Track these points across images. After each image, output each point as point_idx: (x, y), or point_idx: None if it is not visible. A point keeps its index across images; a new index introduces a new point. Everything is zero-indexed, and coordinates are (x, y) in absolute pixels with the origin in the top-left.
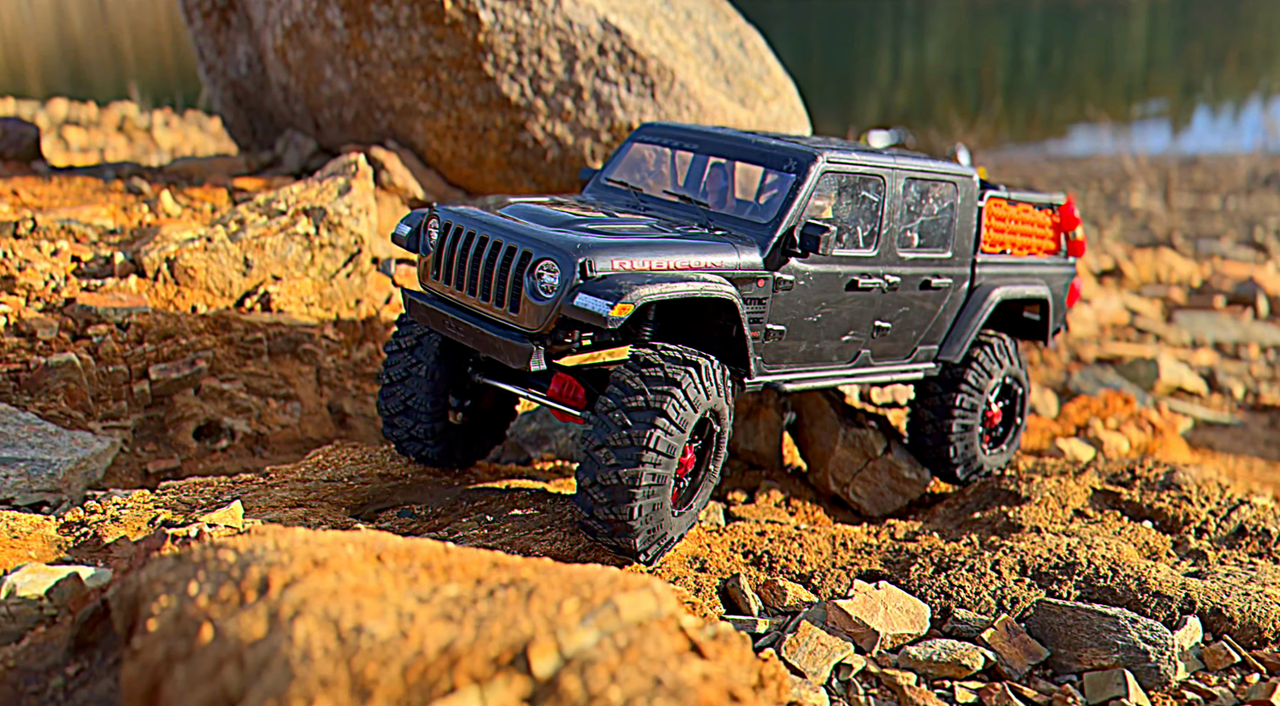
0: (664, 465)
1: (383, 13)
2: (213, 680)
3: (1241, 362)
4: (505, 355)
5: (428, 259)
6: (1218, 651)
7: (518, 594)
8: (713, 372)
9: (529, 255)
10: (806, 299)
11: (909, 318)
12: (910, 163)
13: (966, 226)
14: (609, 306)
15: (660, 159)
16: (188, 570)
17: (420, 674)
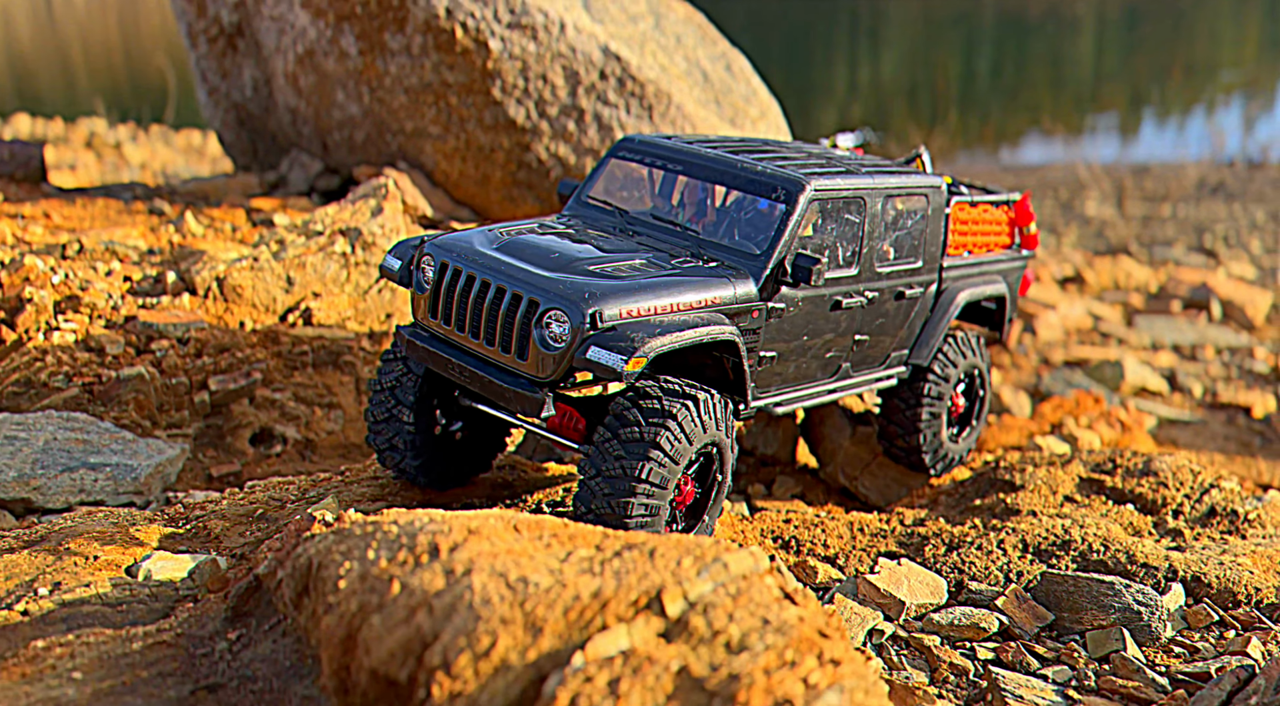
0: (657, 496)
1: (396, 42)
2: (408, 623)
3: (1199, 363)
4: (515, 404)
5: (423, 297)
6: (1199, 612)
7: (641, 554)
8: (711, 406)
9: (535, 304)
10: (796, 324)
11: (884, 328)
12: (887, 180)
13: (935, 234)
14: (623, 361)
15: (641, 176)
16: (357, 542)
17: (579, 613)
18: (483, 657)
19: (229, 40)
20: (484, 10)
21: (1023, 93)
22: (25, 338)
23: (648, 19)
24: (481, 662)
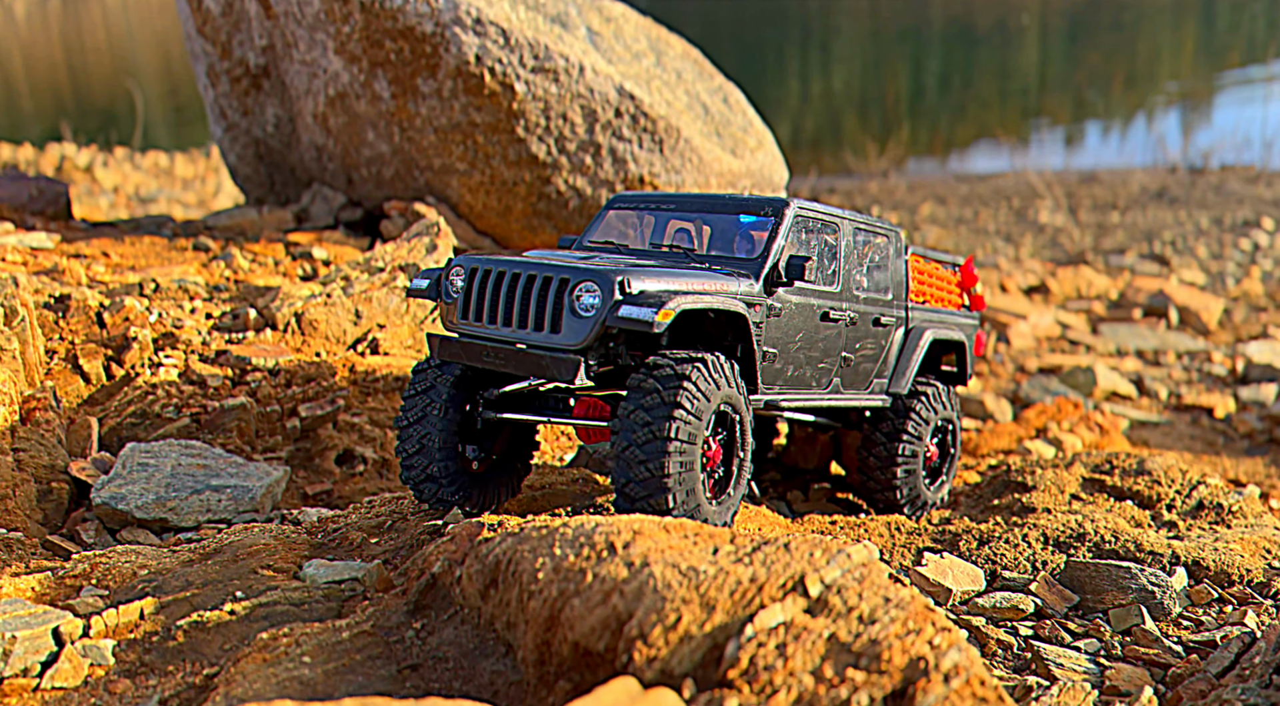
0: (688, 452)
1: (428, 86)
2: (604, 604)
3: (1162, 368)
4: (553, 369)
5: (453, 304)
6: (1202, 591)
7: (777, 548)
8: (720, 366)
9: (567, 281)
10: (791, 325)
11: (866, 350)
12: (855, 215)
13: (898, 275)
14: (654, 312)
15: (635, 221)
16: (539, 542)
17: (741, 594)
18: (671, 630)
19: (254, 80)
20: (510, 56)
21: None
22: (133, 373)
23: (649, 56)
24: (670, 633)
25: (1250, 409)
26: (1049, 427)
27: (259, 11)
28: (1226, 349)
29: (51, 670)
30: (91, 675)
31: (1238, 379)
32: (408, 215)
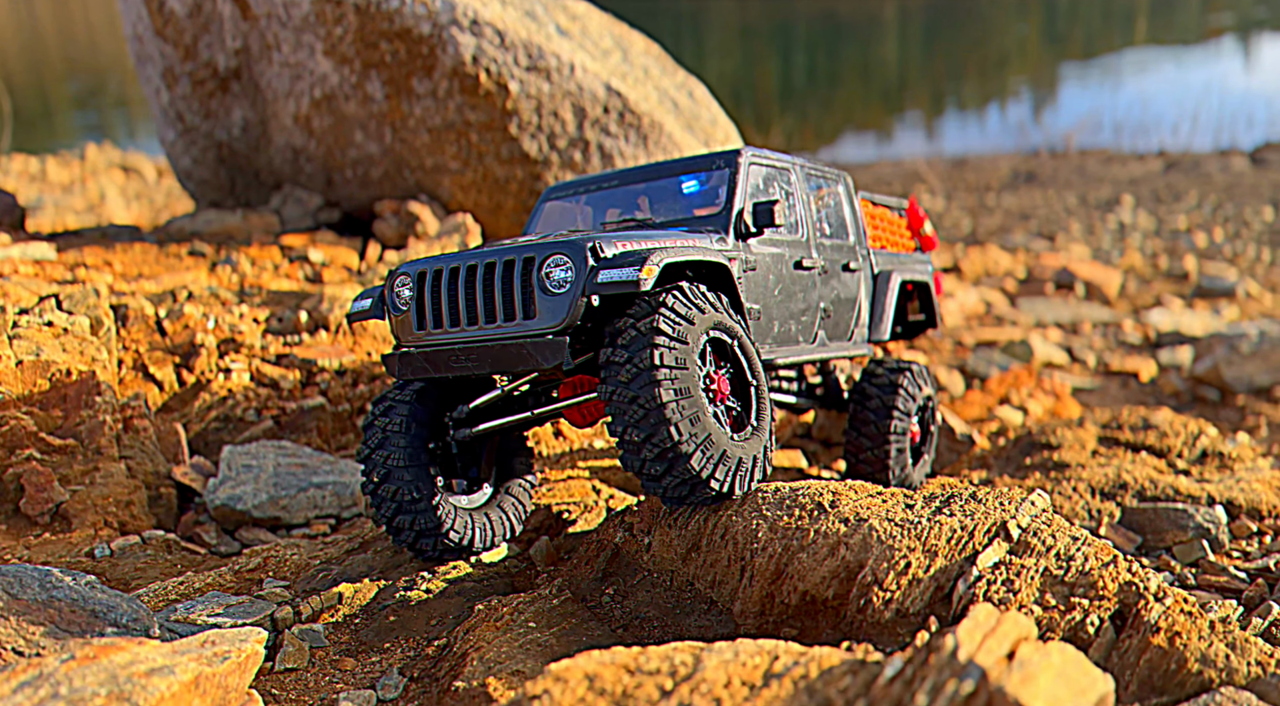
0: (681, 378)
1: (423, 86)
2: (833, 556)
3: (1082, 337)
4: (537, 356)
5: (404, 316)
6: (1240, 526)
7: (966, 500)
8: (701, 292)
9: (531, 260)
10: (769, 278)
11: (843, 300)
12: (803, 159)
13: (855, 218)
14: (636, 271)
15: (575, 210)
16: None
17: (957, 541)
18: (902, 574)
19: (221, 83)
20: (505, 56)
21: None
22: (204, 379)
23: (616, 53)
24: (901, 578)
25: (1169, 371)
26: (1010, 396)
27: (234, 13)
28: (1133, 318)
29: (280, 654)
30: (315, 656)
31: (1152, 344)
32: (401, 215)
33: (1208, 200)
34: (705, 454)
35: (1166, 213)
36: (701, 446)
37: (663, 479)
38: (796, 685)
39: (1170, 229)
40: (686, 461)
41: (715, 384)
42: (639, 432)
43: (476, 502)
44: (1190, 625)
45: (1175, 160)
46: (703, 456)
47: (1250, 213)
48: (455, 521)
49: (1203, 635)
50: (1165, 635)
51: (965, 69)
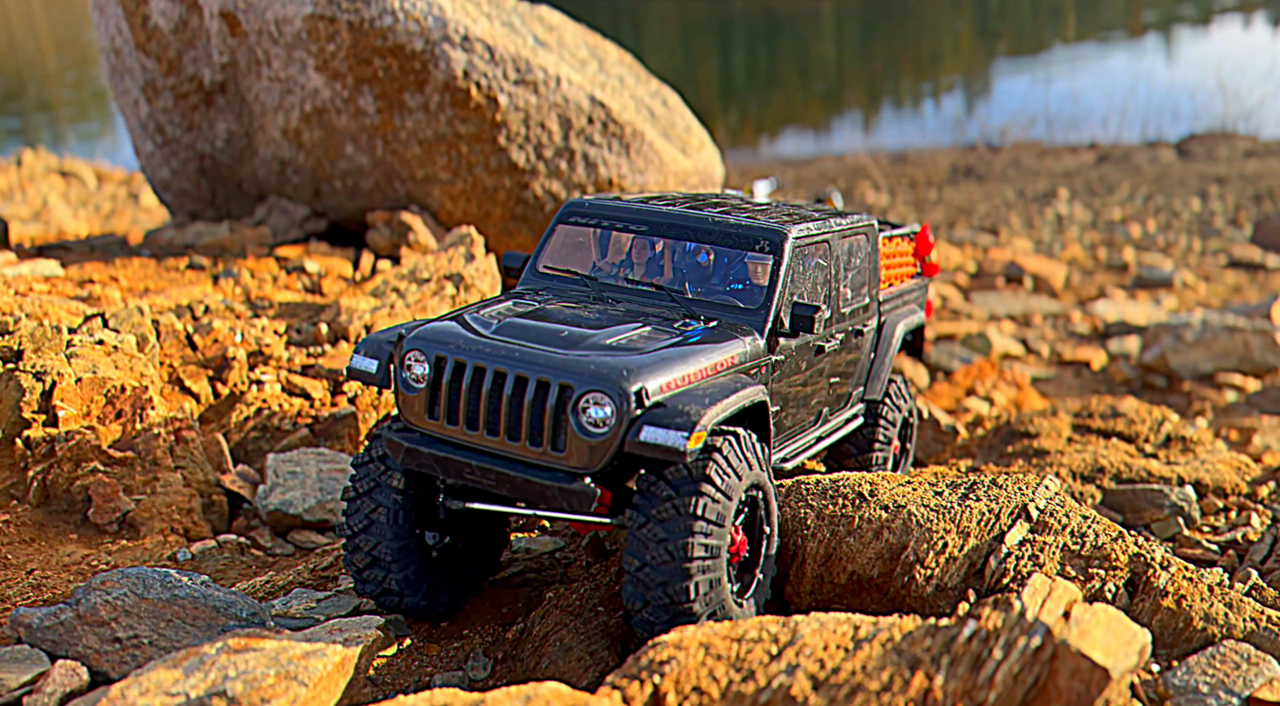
0: (713, 569)
1: (415, 100)
2: (878, 539)
3: (1034, 329)
4: (564, 503)
5: (418, 397)
6: (1209, 503)
7: (988, 486)
8: (743, 448)
9: (568, 388)
10: (792, 374)
11: (848, 368)
12: (840, 222)
13: (874, 271)
14: (685, 438)
15: (591, 237)
16: (791, 498)
17: (987, 523)
18: (940, 553)
19: (206, 96)
20: (495, 70)
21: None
22: (236, 391)
23: (592, 63)
24: (940, 556)
25: (1119, 359)
26: (975, 387)
27: (222, 29)
28: (1080, 309)
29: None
30: (402, 643)
31: (1101, 334)
32: (393, 225)
33: (1139, 192)
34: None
35: (1101, 205)
36: (711, 613)
37: (655, 625)
38: (884, 647)
39: (1106, 220)
40: (691, 621)
41: (735, 544)
42: (657, 576)
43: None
44: (1192, 589)
45: (1106, 152)
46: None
47: (1179, 204)
48: (421, 587)
49: (1204, 597)
50: (1173, 598)
51: (900, 65)
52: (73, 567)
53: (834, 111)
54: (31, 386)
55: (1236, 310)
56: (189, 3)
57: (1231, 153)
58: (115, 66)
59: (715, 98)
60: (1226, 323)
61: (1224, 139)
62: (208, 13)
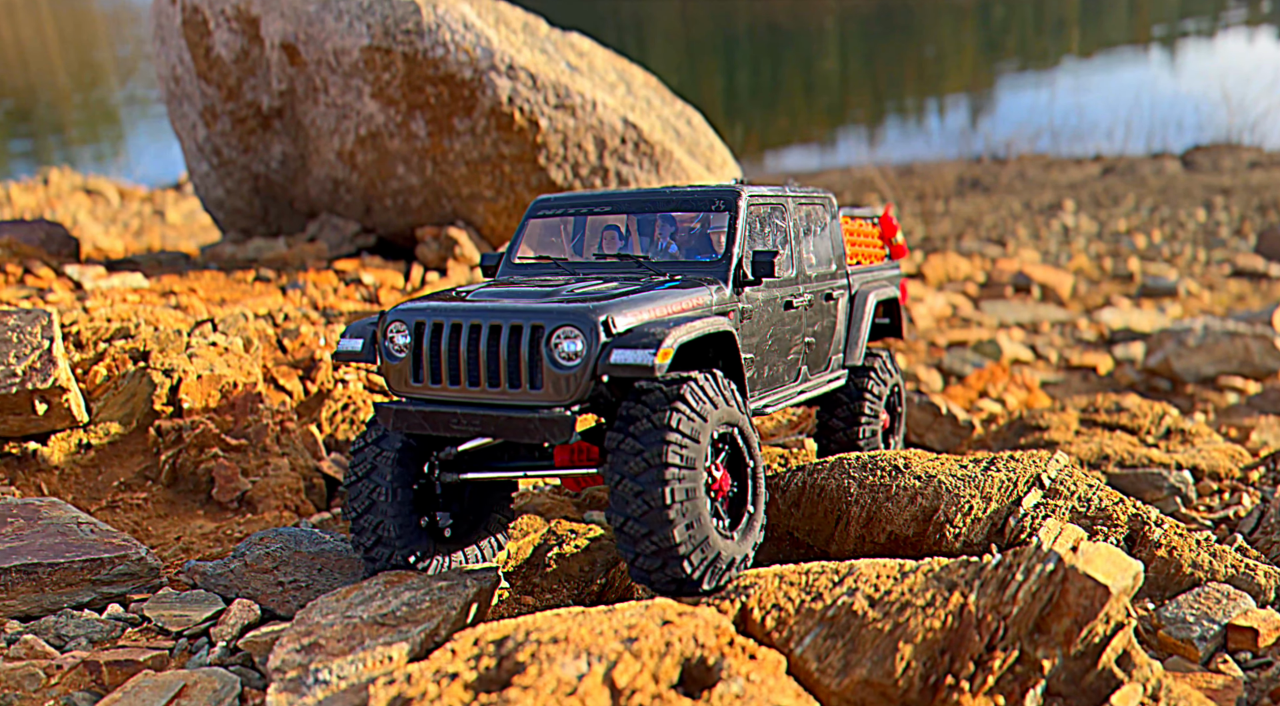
0: (688, 478)
1: (463, 124)
2: (912, 504)
3: (1042, 336)
4: (544, 433)
5: (399, 365)
6: (1204, 486)
7: (1006, 460)
8: (715, 384)
9: (540, 328)
10: (762, 325)
11: (824, 330)
12: (795, 189)
13: (838, 241)
14: (652, 355)
15: (561, 228)
16: (830, 472)
17: (1006, 489)
18: (967, 515)
19: (263, 121)
20: (537, 96)
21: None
22: (324, 388)
23: (621, 86)
24: (966, 518)
25: (1124, 364)
26: (988, 389)
27: (281, 59)
28: (1086, 317)
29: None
30: (501, 596)
31: (1107, 341)
32: (441, 239)
33: (1144, 203)
34: (701, 556)
35: (1107, 216)
36: (698, 548)
37: (654, 573)
38: (926, 576)
39: (1111, 231)
40: (680, 563)
41: (718, 480)
42: (640, 528)
43: (454, 537)
44: (1182, 542)
45: (1111, 164)
46: (697, 559)
47: (1184, 214)
48: (431, 561)
49: (1192, 548)
50: (1165, 549)
51: (905, 78)
52: (209, 536)
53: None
54: (161, 382)
55: (1239, 317)
56: (251, 35)
57: (1236, 164)
58: (174, 92)
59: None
60: (1228, 328)
61: (1229, 150)
62: (269, 44)
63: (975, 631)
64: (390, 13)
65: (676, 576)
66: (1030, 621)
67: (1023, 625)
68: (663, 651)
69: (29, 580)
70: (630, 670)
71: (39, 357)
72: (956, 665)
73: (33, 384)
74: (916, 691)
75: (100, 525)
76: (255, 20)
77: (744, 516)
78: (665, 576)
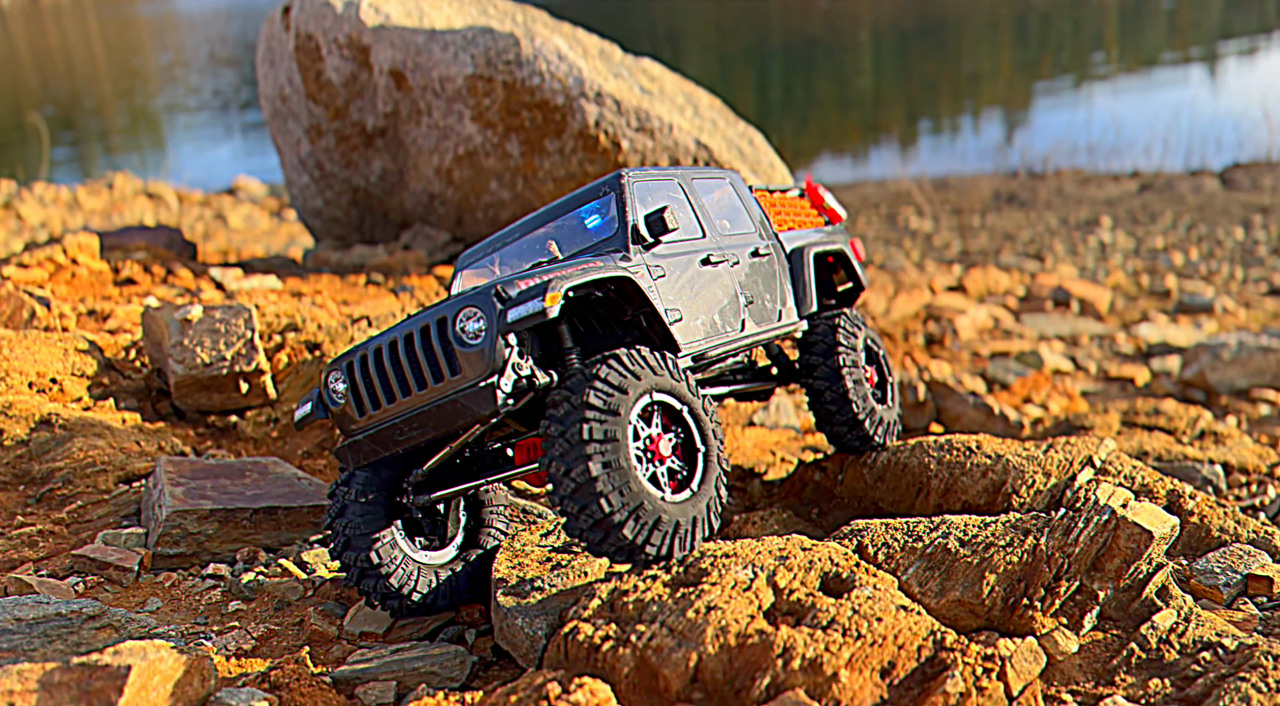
0: (610, 450)
1: (553, 145)
2: (984, 477)
3: (1081, 348)
4: (471, 405)
5: (343, 408)
6: (1235, 479)
7: (1063, 443)
8: (636, 356)
9: (444, 318)
10: (679, 279)
11: (760, 285)
12: (689, 169)
13: (753, 209)
14: (540, 301)
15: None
16: (911, 451)
17: (1062, 467)
18: (1030, 488)
19: (367, 139)
20: (620, 119)
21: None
22: None
23: (689, 108)
24: (1029, 490)
25: (1161, 376)
26: (1032, 396)
27: (389, 84)
28: (1123, 331)
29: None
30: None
31: (1144, 354)
32: None
33: (1182, 220)
34: (638, 521)
35: (1144, 233)
36: (634, 515)
37: (601, 545)
38: (1005, 524)
39: (1148, 248)
40: (619, 530)
41: (654, 446)
42: (574, 505)
43: (443, 559)
44: (1211, 510)
45: (1149, 181)
46: (635, 524)
47: (1222, 232)
48: (418, 582)
49: (1220, 516)
50: (1197, 516)
51: (940, 92)
52: None
53: (872, 138)
54: None
55: (1273, 333)
56: (361, 62)
57: (1276, 182)
58: (279, 110)
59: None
60: (1262, 343)
61: (1269, 168)
62: (378, 70)
63: (1045, 566)
64: (492, 45)
65: (620, 543)
66: (1088, 560)
67: (1082, 563)
68: (808, 566)
69: (270, 519)
70: (786, 576)
71: (243, 345)
72: (1030, 591)
73: (239, 367)
74: (999, 609)
75: (315, 480)
76: (366, 49)
77: (694, 476)
78: (612, 548)
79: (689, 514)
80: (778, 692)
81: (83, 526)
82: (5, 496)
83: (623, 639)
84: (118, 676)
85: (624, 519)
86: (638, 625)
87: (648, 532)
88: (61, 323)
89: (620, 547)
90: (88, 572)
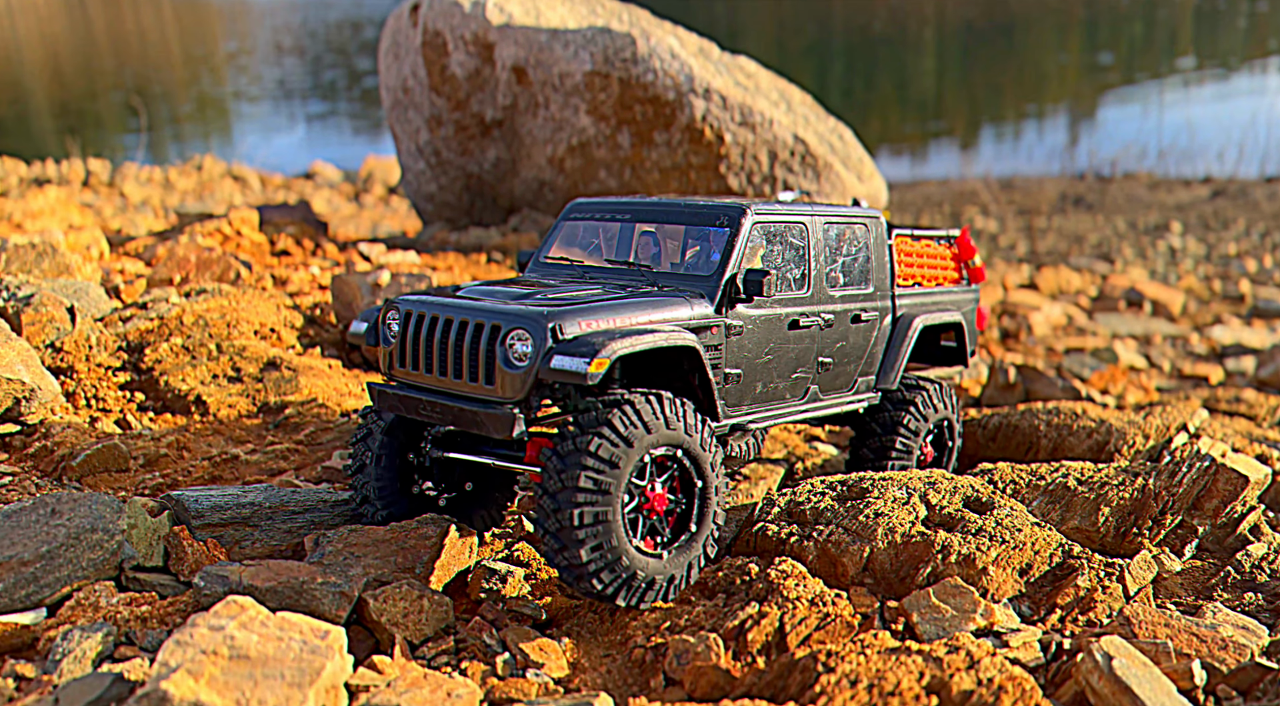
0: (600, 503)
1: (661, 137)
2: (1090, 438)
3: (1155, 347)
4: (488, 426)
5: (392, 348)
6: None
7: (1160, 409)
8: (656, 406)
9: (498, 328)
10: (755, 342)
11: (846, 351)
12: (825, 208)
13: (881, 263)
14: (586, 363)
15: (593, 231)
16: (1022, 415)
17: (1160, 431)
18: (1131, 447)
19: (484, 129)
20: (724, 114)
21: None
22: None
23: (782, 104)
24: (1131, 449)
25: (1235, 376)
26: (1109, 388)
27: (510, 79)
28: (1197, 332)
29: None
30: None
31: (1218, 354)
32: None
33: (1255, 228)
34: (612, 573)
35: (1215, 239)
36: (609, 567)
37: (572, 583)
38: (1116, 469)
39: (1220, 254)
40: (590, 579)
41: (651, 500)
42: (554, 542)
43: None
44: None
45: (1222, 187)
46: (609, 576)
47: None
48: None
49: None
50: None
51: (1004, 91)
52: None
53: (933, 136)
54: None
55: None
56: (485, 57)
57: None
58: (400, 101)
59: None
60: None
61: None
62: (500, 65)
63: (1152, 502)
64: (610, 43)
65: (589, 590)
66: (1190, 499)
67: (1184, 502)
68: (953, 490)
69: None
70: (936, 496)
71: None
72: (1139, 522)
73: None
74: (1111, 536)
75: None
76: (491, 45)
77: (683, 535)
78: (580, 588)
79: (667, 572)
80: (936, 581)
81: (317, 447)
82: (251, 422)
83: (805, 534)
84: (427, 539)
85: (598, 569)
86: (817, 525)
87: (618, 586)
88: (259, 284)
89: (589, 592)
90: (335, 480)
